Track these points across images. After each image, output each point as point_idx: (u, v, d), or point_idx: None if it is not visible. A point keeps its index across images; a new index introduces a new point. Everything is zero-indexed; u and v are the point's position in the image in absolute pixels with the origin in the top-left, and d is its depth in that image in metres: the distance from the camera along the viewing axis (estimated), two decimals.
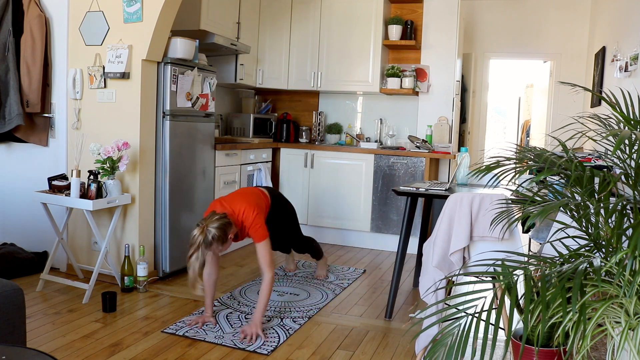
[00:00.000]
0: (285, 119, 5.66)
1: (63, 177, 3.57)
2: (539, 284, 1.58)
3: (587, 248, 1.85)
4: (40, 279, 3.53)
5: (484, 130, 7.37)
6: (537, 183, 2.44)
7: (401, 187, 3.27)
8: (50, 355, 1.49)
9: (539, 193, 1.95)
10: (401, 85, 5.25)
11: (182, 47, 3.76)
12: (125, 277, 3.52)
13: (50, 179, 3.52)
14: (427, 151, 4.96)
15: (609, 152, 1.86)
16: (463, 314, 1.69)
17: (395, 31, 5.27)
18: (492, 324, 1.55)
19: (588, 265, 1.63)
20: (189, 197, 3.99)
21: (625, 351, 1.52)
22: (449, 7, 5.27)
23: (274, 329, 3.01)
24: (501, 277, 1.74)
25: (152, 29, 3.53)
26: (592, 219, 1.78)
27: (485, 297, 1.72)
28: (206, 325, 3.02)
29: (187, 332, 2.92)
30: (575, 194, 1.85)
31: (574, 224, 1.86)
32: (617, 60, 4.56)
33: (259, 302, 2.96)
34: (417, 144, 5.05)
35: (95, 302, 3.31)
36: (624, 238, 1.66)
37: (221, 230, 2.78)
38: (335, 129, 5.64)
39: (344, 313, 3.35)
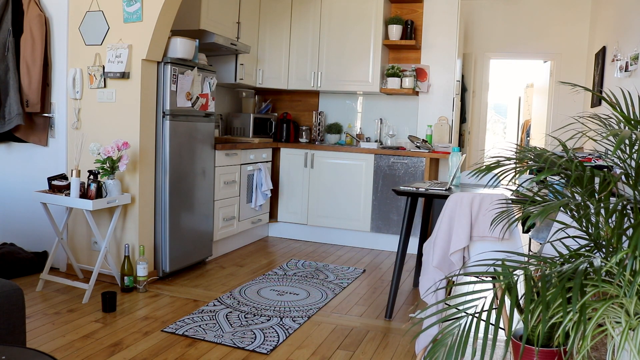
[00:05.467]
0: (285, 119, 5.66)
1: (63, 177, 3.57)
2: (539, 284, 1.58)
3: (587, 248, 1.85)
4: (40, 279, 3.53)
5: (484, 130, 7.37)
6: (537, 183, 2.44)
7: (401, 187, 3.27)
8: (50, 355, 1.49)
9: (539, 193, 1.95)
10: (401, 85, 5.25)
11: (182, 47, 3.76)
12: (125, 277, 3.52)
13: (50, 179, 3.52)
14: (427, 151, 4.96)
15: (609, 152, 1.86)
16: (463, 314, 1.69)
17: (395, 31, 5.27)
18: (492, 324, 1.55)
19: (588, 265, 1.63)
20: (189, 197, 3.99)
21: (626, 351, 1.52)
22: (449, 7, 5.27)
23: (273, 329, 3.01)
24: (501, 277, 1.74)
25: (152, 28, 3.53)
26: (592, 219, 1.78)
27: (485, 297, 1.72)
28: (206, 324, 3.02)
29: (186, 331, 2.92)
30: (575, 194, 1.85)
31: (574, 224, 1.86)
32: (617, 60, 4.56)
33: None
34: (417, 144, 5.05)
35: (95, 302, 3.31)
36: (624, 238, 1.66)
37: None
38: (335, 129, 5.64)
39: (344, 313, 3.35)
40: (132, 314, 3.17)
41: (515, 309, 1.68)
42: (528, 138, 8.47)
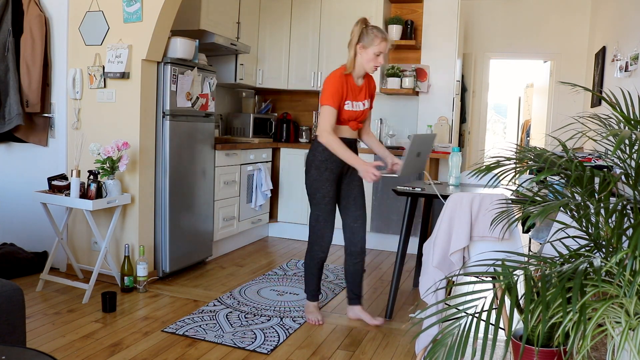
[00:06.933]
0: (285, 119, 5.66)
1: (63, 177, 3.57)
2: (539, 284, 1.58)
3: (587, 248, 1.85)
4: (40, 279, 3.53)
5: (484, 130, 7.37)
6: (537, 183, 2.44)
7: (401, 187, 3.27)
8: (50, 355, 1.49)
9: (539, 193, 1.95)
10: (401, 85, 5.25)
11: (182, 47, 3.76)
12: (125, 277, 3.52)
13: (50, 179, 3.52)
14: None
15: (609, 152, 1.86)
16: (463, 314, 1.69)
17: (395, 31, 5.27)
18: (492, 324, 1.55)
19: (588, 265, 1.63)
20: (189, 197, 3.99)
21: (626, 351, 1.52)
22: (449, 7, 5.26)
23: (273, 329, 3.01)
24: (501, 277, 1.74)
25: (152, 28, 3.53)
26: (592, 219, 1.78)
27: (485, 297, 1.72)
28: (206, 324, 3.02)
29: (187, 331, 2.92)
30: (575, 194, 1.85)
31: (574, 224, 1.86)
32: (617, 60, 4.56)
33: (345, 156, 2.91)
34: None
35: (95, 302, 3.31)
36: (624, 238, 1.66)
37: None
38: None
39: (344, 313, 3.35)
40: (132, 314, 3.17)
41: (515, 309, 1.68)
42: (528, 138, 8.47)
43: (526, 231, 4.04)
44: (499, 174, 1.95)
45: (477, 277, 2.32)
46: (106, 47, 3.65)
